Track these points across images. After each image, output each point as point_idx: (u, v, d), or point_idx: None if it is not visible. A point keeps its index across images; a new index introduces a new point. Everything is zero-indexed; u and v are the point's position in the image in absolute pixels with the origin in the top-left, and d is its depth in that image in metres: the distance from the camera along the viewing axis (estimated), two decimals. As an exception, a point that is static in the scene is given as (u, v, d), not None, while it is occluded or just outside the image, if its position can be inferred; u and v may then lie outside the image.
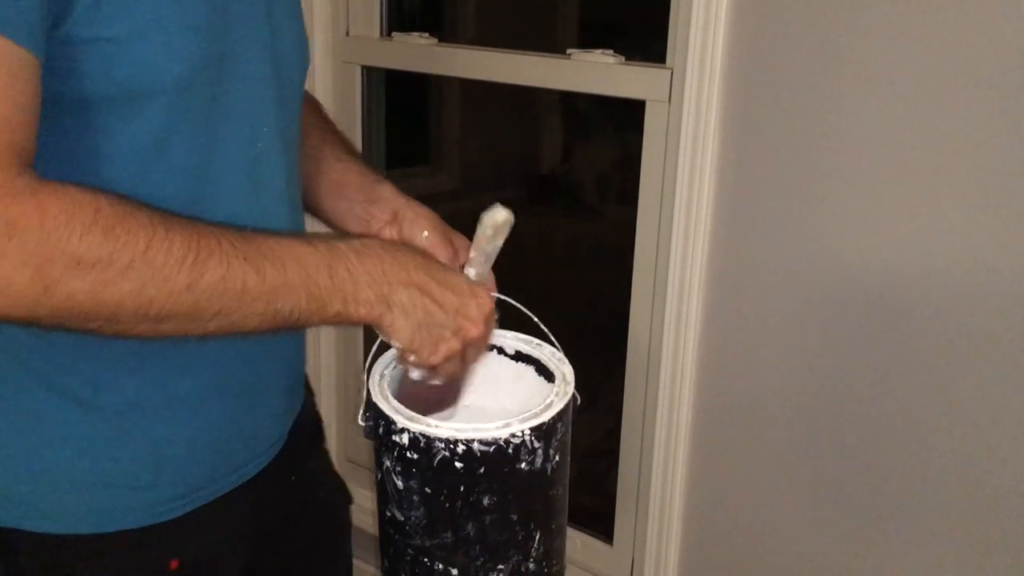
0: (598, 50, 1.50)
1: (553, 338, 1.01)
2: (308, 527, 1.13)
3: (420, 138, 2.36)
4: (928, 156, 1.20)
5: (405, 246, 0.90)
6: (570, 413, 0.95)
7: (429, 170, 2.48)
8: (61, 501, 0.87)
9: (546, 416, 0.89)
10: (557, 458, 0.92)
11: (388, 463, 0.92)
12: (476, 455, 0.87)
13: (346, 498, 1.22)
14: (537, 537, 0.94)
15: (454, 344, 0.89)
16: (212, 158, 0.85)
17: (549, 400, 0.92)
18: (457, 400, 1.04)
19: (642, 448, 1.56)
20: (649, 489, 1.53)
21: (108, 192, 0.73)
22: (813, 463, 1.38)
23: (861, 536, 1.36)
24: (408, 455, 0.89)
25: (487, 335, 0.92)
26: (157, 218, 0.73)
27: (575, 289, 2.11)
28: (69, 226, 0.68)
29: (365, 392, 0.96)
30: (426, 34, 1.74)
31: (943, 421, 1.25)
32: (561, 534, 1.01)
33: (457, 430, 0.87)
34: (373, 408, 0.93)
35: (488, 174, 2.41)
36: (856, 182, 1.26)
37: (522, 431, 0.87)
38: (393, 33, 1.79)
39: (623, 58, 1.49)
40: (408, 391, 0.97)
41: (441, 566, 0.93)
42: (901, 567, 1.33)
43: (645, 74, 1.44)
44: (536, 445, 0.89)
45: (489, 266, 0.98)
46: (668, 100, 1.41)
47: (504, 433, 0.87)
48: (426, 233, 1.02)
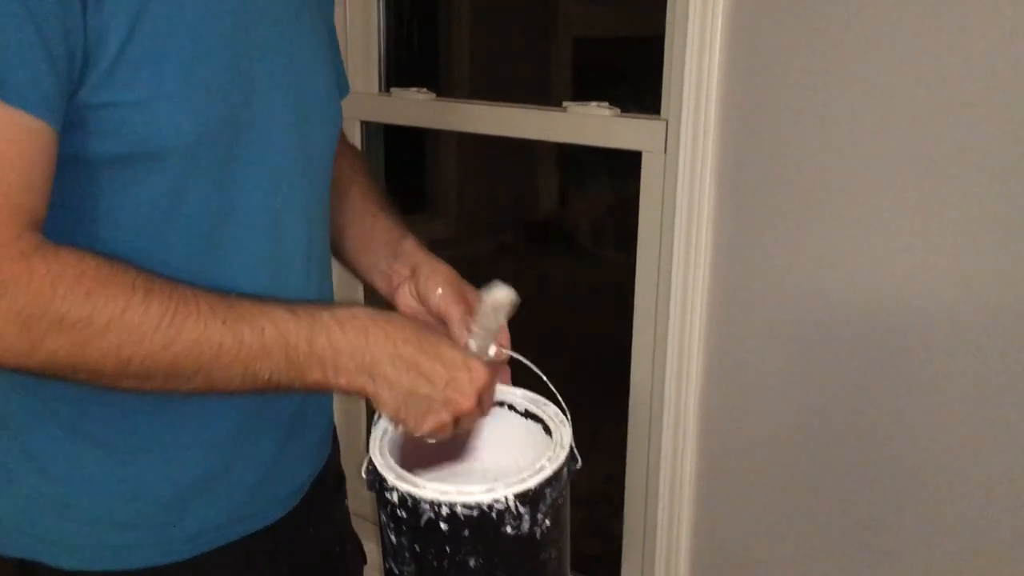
0: (593, 102, 1.54)
1: (560, 398, 1.00)
2: None
3: (418, 186, 2.40)
4: (923, 194, 1.23)
5: (398, 317, 0.89)
6: (565, 477, 0.93)
7: (427, 217, 2.51)
8: (77, 537, 0.89)
9: (532, 482, 0.88)
10: (547, 523, 0.91)
11: (383, 518, 0.92)
12: (460, 518, 0.86)
13: (361, 557, 1.23)
14: (530, 598, 0.93)
15: (443, 416, 0.88)
16: (227, 216, 0.86)
17: (540, 465, 0.90)
18: (462, 456, 1.05)
19: (647, 492, 1.57)
20: (655, 533, 1.54)
21: (99, 255, 0.75)
22: (817, 502, 1.40)
23: (865, 574, 1.37)
24: (398, 513, 0.89)
25: (480, 407, 0.91)
26: (140, 280, 0.75)
27: (575, 333, 2.13)
28: (54, 287, 0.71)
29: (367, 445, 0.97)
30: (424, 89, 1.78)
31: (947, 457, 1.27)
32: None
33: (442, 492, 0.86)
34: (371, 462, 0.94)
35: (485, 220, 2.44)
36: (851, 223, 1.29)
37: (505, 496, 0.86)
38: (392, 88, 1.83)
39: (619, 110, 1.53)
40: (412, 446, 0.98)
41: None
42: (908, 606, 1.34)
43: (640, 126, 1.48)
44: (522, 511, 0.87)
45: (491, 340, 0.97)
46: (664, 151, 1.45)
47: (487, 498, 0.86)
48: (440, 290, 1.02)
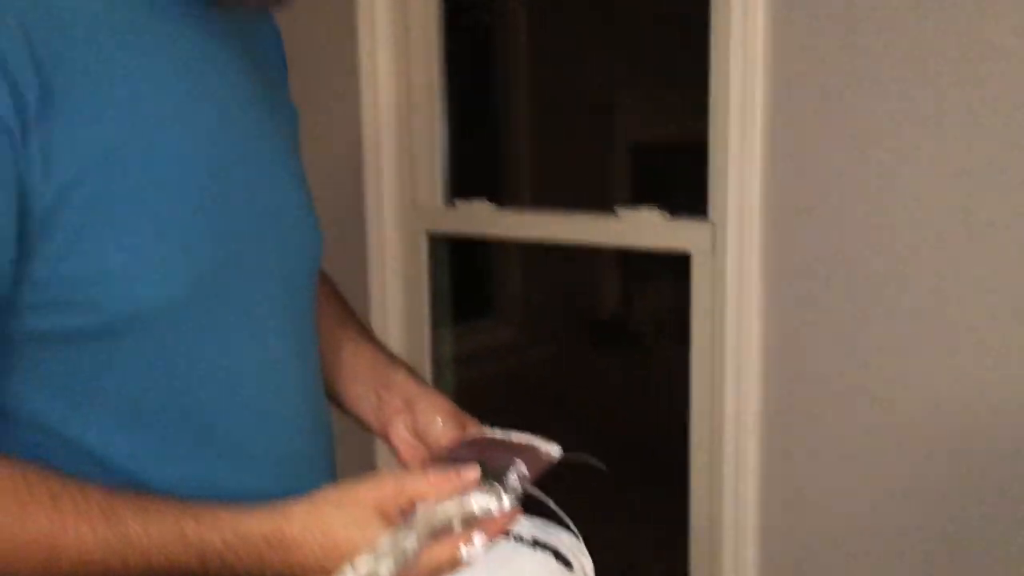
0: (644, 207, 1.61)
1: (573, 526, 0.92)
2: None
3: (483, 293, 2.49)
4: (976, 290, 1.26)
5: (303, 530, 0.75)
6: None
7: (491, 324, 2.60)
8: None
9: None
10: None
11: None
12: None
13: None
14: None
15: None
16: (216, 372, 0.81)
17: None
18: None
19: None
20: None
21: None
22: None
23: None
24: None
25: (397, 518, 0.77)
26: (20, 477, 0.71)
27: (632, 433, 2.16)
28: None
29: None
30: (485, 199, 1.88)
31: None
32: None
33: None
34: None
35: (548, 325, 2.51)
36: (901, 321, 1.32)
37: None
38: (455, 200, 1.93)
39: (668, 214, 1.60)
40: None
41: None
42: None
43: (688, 229, 1.54)
44: None
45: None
46: (712, 252, 1.50)
47: None
48: (440, 423, 0.96)
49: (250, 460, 0.84)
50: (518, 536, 0.92)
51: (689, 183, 1.56)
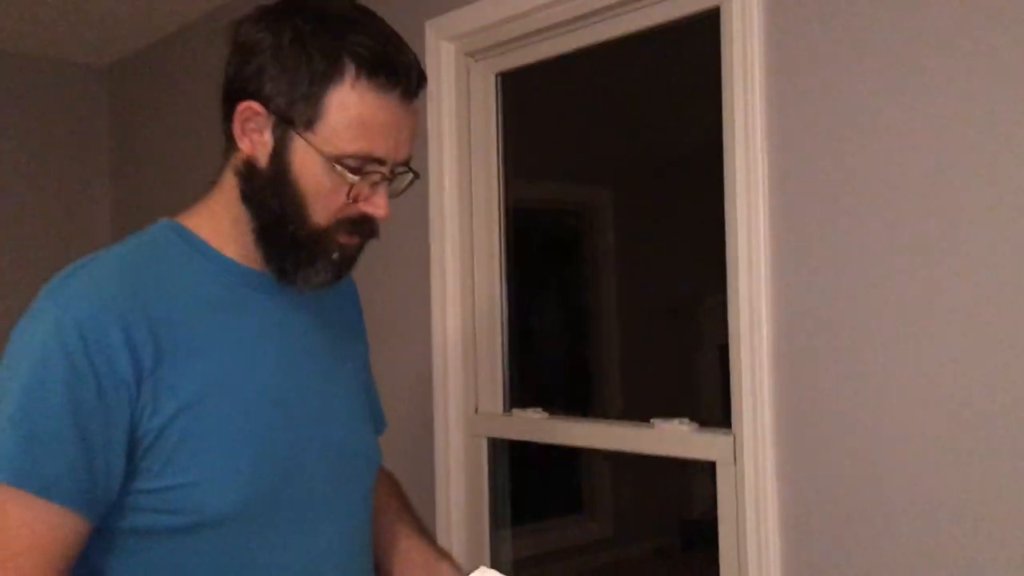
0: (676, 419, 1.72)
1: None
2: None
3: (574, 489, 2.58)
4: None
5: None
6: None
7: (584, 518, 2.68)
8: None
9: None
10: None
11: None
12: None
13: None
14: None
15: None
16: (269, 565, 1.02)
17: None
18: None
19: None
20: None
21: None
22: None
23: None
24: None
25: None
26: None
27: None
28: None
29: None
30: (539, 409, 2.02)
31: None
32: None
33: None
34: None
35: (636, 525, 2.56)
36: (912, 515, 1.36)
37: None
38: (513, 410, 2.08)
39: (697, 425, 1.70)
40: None
41: None
42: None
43: (713, 440, 1.64)
44: None
45: None
46: (734, 462, 1.59)
47: None
48: None
49: None
50: None
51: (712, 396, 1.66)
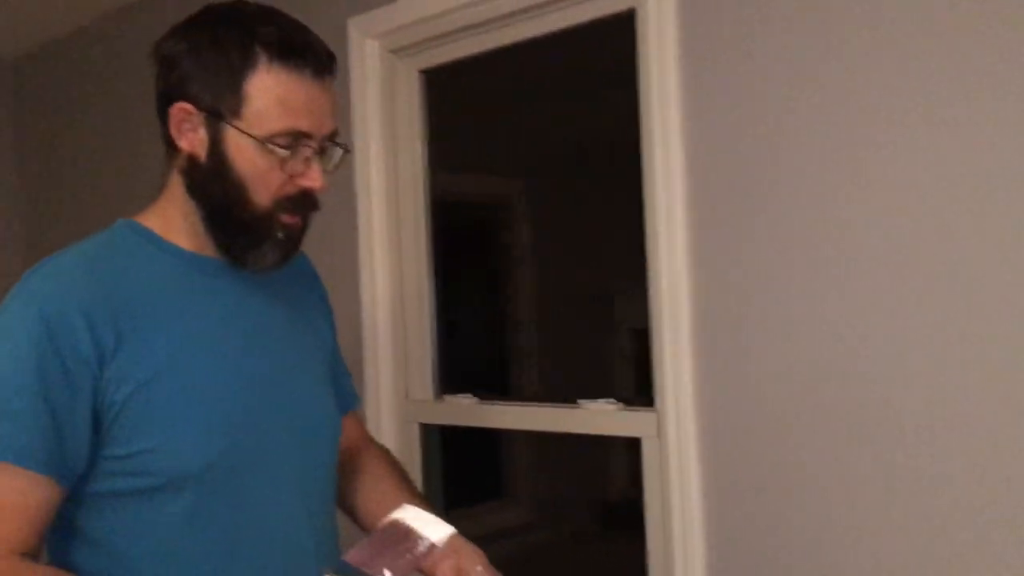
0: (601, 399, 1.81)
1: None
2: None
3: (490, 476, 2.66)
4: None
5: None
6: None
7: (500, 505, 2.76)
8: None
9: None
10: None
11: None
12: None
13: None
14: None
15: None
16: (238, 520, 1.13)
17: None
18: None
19: None
20: None
21: (35, 568, 1.05)
22: None
23: None
24: None
25: None
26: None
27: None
28: None
29: None
30: (469, 395, 2.09)
31: None
32: None
33: None
34: None
35: (557, 508, 2.66)
36: (816, 503, 1.48)
37: None
38: (444, 395, 2.15)
39: (622, 404, 1.80)
40: None
41: None
42: None
43: (638, 417, 1.74)
44: None
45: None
46: (657, 436, 1.69)
47: None
48: (480, 569, 1.18)
49: None
50: None
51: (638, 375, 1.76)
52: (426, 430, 2.20)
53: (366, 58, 2.15)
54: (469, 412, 2.08)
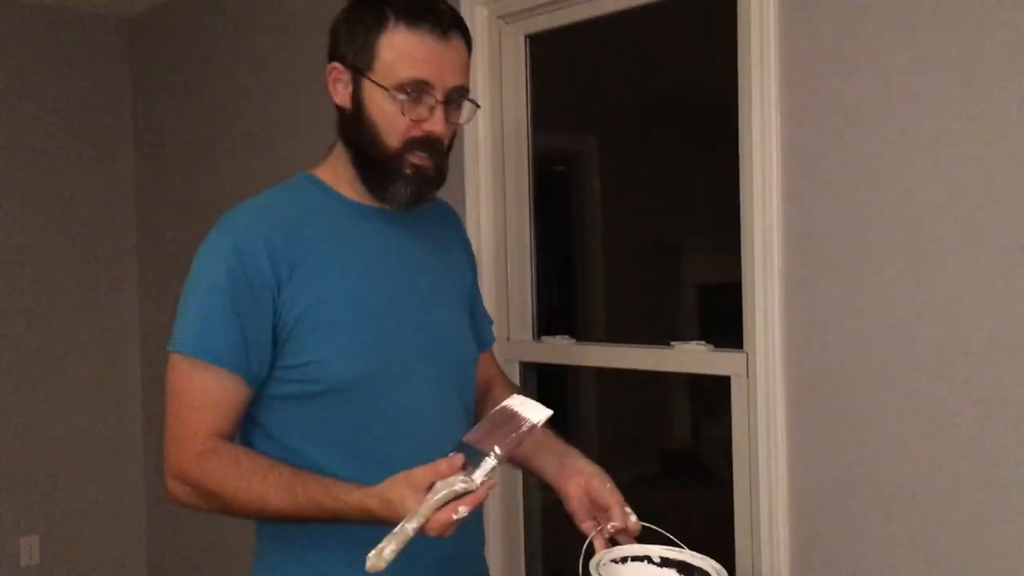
0: (693, 341, 1.97)
1: (685, 547, 1.29)
2: None
3: (561, 419, 2.81)
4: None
5: (381, 500, 1.20)
6: None
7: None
8: None
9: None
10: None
11: None
12: None
13: None
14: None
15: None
16: (388, 422, 1.35)
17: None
18: None
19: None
20: None
21: (253, 452, 1.31)
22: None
23: None
24: None
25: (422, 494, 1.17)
26: (247, 462, 1.27)
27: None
28: (198, 465, 1.28)
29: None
30: (567, 336, 2.27)
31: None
32: None
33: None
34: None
35: (623, 452, 2.81)
36: (907, 427, 1.62)
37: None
38: (542, 336, 2.33)
39: (713, 346, 1.95)
40: None
41: None
42: None
43: (728, 358, 1.89)
44: None
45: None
46: (747, 376, 1.84)
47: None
48: (609, 488, 1.34)
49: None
50: (648, 558, 1.30)
51: (732, 319, 1.91)
52: (525, 369, 2.38)
53: (475, 23, 2.31)
54: (567, 352, 2.25)
